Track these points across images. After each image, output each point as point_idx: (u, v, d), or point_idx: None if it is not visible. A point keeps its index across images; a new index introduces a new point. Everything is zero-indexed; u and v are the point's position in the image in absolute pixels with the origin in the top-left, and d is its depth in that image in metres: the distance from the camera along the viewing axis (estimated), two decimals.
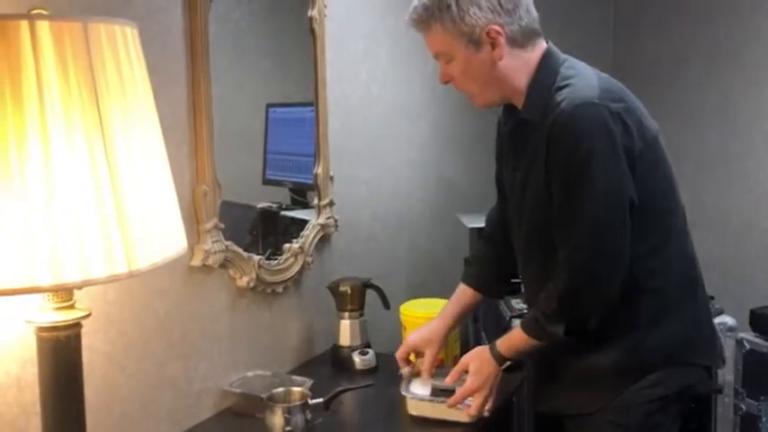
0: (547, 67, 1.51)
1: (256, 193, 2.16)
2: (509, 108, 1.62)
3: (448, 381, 1.69)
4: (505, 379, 1.69)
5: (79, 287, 1.12)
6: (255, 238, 2.08)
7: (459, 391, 1.65)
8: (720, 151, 3.41)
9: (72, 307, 1.17)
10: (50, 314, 1.15)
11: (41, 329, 1.15)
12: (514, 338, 1.59)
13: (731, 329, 2.64)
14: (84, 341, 1.22)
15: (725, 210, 3.40)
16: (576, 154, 1.39)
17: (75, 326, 1.17)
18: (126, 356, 1.59)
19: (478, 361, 1.63)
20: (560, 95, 1.42)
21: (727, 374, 2.64)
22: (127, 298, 1.58)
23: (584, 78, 1.46)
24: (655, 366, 1.50)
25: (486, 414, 1.67)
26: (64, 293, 1.16)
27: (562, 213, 1.45)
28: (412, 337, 1.85)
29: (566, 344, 1.52)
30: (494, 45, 1.48)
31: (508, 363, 1.61)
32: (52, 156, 1.00)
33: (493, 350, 1.62)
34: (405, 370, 1.85)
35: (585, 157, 1.38)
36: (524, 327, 1.56)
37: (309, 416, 1.64)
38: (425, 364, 1.80)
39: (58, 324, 1.15)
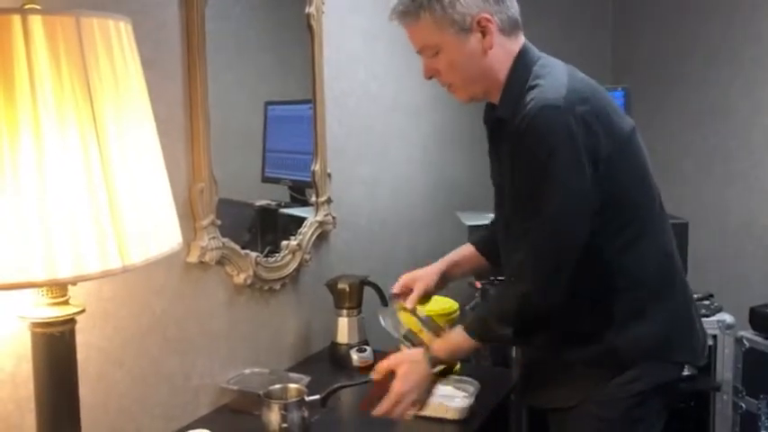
0: (523, 64, 1.51)
1: (256, 191, 2.16)
2: (489, 106, 1.63)
3: (375, 376, 1.61)
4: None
5: (73, 282, 1.12)
6: (254, 236, 2.07)
7: (387, 397, 1.56)
8: (720, 149, 3.41)
9: (66, 303, 1.17)
10: (44, 310, 1.15)
11: (36, 325, 1.15)
12: (453, 341, 1.57)
13: (730, 327, 2.63)
14: (81, 337, 1.22)
15: (724, 207, 3.40)
16: (538, 156, 1.40)
17: (70, 321, 1.17)
18: (123, 353, 1.59)
19: (408, 364, 1.58)
20: (530, 96, 1.43)
21: (726, 372, 2.63)
22: (124, 294, 1.58)
23: (553, 78, 1.46)
24: (633, 362, 1.50)
25: (408, 417, 1.59)
26: (58, 289, 1.15)
27: (524, 212, 1.46)
28: (406, 275, 1.83)
29: (547, 340, 1.53)
30: (484, 33, 1.48)
31: (441, 367, 1.57)
32: (45, 151, 1.00)
33: (428, 353, 1.58)
34: (393, 294, 1.81)
35: (546, 160, 1.39)
36: (469, 328, 1.54)
37: (306, 413, 1.64)
38: (411, 297, 1.76)
39: (52, 320, 1.15)
